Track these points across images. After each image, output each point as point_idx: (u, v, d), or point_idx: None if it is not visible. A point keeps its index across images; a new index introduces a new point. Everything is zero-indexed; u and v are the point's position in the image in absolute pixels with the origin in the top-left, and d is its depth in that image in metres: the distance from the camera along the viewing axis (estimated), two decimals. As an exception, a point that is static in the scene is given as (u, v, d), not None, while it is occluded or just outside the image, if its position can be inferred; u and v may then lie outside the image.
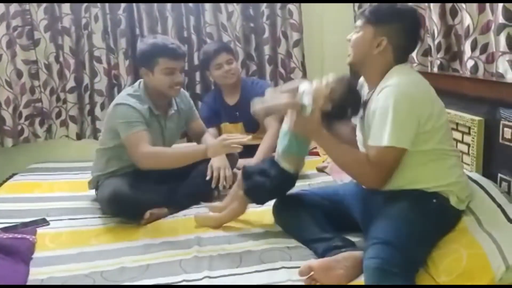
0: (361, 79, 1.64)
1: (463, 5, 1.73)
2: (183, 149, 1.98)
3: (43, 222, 1.83)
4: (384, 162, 1.39)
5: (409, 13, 1.50)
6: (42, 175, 2.42)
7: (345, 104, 1.55)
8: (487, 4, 1.63)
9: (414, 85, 1.42)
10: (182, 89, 2.15)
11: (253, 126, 2.50)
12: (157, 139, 1.97)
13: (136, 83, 2.03)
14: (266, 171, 1.69)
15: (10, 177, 2.48)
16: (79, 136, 2.81)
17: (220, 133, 2.51)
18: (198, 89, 2.84)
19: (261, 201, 1.76)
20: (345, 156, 1.49)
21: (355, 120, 1.64)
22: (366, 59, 1.50)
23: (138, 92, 1.97)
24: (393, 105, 1.36)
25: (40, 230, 1.75)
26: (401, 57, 1.50)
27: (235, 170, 2.22)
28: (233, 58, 2.51)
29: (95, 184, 2.01)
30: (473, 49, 1.72)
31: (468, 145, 1.69)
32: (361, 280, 1.33)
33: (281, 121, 1.83)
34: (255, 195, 1.72)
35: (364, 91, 1.60)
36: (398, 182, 1.45)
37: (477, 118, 1.64)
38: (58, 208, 1.97)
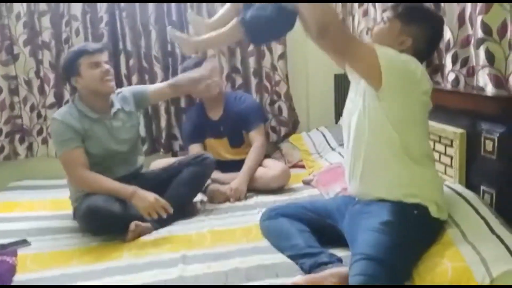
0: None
1: (444, 19, 1.76)
2: (112, 184, 1.89)
3: (24, 242, 1.78)
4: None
5: (439, 22, 1.54)
6: (22, 194, 2.37)
7: None
8: (467, 18, 1.66)
9: (409, 58, 1.45)
10: (119, 89, 2.12)
11: (238, 140, 2.49)
12: (107, 140, 1.96)
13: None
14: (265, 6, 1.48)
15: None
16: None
17: (205, 149, 2.49)
18: (182, 103, 2.82)
19: (255, 35, 1.53)
20: None
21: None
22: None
23: (71, 103, 2.00)
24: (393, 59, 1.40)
25: (20, 251, 1.70)
26: (420, 57, 1.52)
27: (217, 185, 2.21)
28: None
29: (73, 203, 1.98)
30: (454, 62, 1.75)
31: (451, 157, 1.71)
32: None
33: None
34: (251, 25, 1.49)
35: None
36: (381, 188, 1.47)
37: (459, 130, 1.66)
38: (39, 228, 1.93)
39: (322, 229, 1.63)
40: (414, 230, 1.41)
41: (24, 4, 2.59)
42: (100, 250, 1.74)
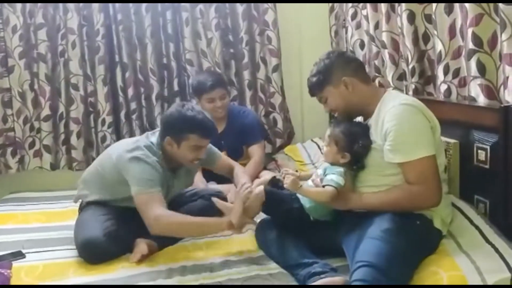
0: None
1: (435, 31, 1.79)
2: (201, 220, 1.74)
3: (19, 255, 1.76)
4: (430, 174, 1.43)
5: (332, 53, 1.68)
6: (16, 206, 2.35)
7: (357, 140, 1.55)
8: (458, 30, 1.70)
9: (410, 100, 1.52)
10: None
11: (237, 154, 2.50)
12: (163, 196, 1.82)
13: (152, 138, 1.88)
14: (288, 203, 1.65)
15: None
16: (53, 167, 2.75)
17: None
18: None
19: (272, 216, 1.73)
20: (388, 201, 1.48)
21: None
22: (352, 103, 1.60)
23: (155, 149, 1.84)
24: (403, 121, 1.44)
25: (15, 264, 1.68)
26: (366, 76, 1.66)
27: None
28: (226, 93, 2.50)
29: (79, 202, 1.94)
30: (445, 73, 1.78)
31: (445, 167, 1.72)
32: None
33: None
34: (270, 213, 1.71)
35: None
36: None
37: (452, 140, 1.68)
38: (34, 240, 1.91)
39: (317, 239, 1.63)
40: (414, 240, 1.41)
41: (21, 17, 2.60)
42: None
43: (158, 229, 1.70)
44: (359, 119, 1.67)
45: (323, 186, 1.54)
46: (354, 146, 1.55)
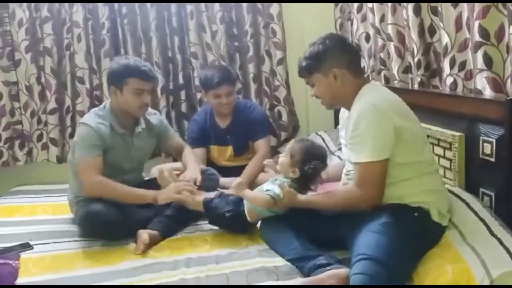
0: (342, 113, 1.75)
1: (441, 23, 1.78)
2: (133, 189, 1.91)
3: (27, 246, 1.78)
4: (370, 178, 1.44)
5: (329, 38, 1.60)
6: (24, 198, 2.37)
7: (311, 161, 1.67)
8: (464, 23, 1.69)
9: (378, 100, 1.50)
10: (155, 111, 2.21)
11: (243, 149, 2.51)
12: (123, 157, 1.99)
13: (103, 103, 2.06)
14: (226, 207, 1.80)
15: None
16: (60, 160, 2.76)
17: (208, 154, 2.51)
18: (183, 108, 2.84)
19: (210, 218, 1.88)
20: (329, 201, 1.58)
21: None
22: (337, 95, 1.60)
23: (103, 112, 1.99)
24: (361, 121, 1.45)
25: (23, 255, 1.71)
26: (358, 70, 1.63)
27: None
28: (234, 89, 2.49)
29: (73, 207, 1.98)
30: (451, 66, 1.77)
31: (450, 160, 1.72)
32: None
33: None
34: (210, 211, 1.86)
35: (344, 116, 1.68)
36: (384, 198, 1.50)
37: (457, 133, 1.67)
38: (41, 232, 1.93)
39: (320, 232, 1.64)
40: (414, 232, 1.42)
41: (27, 11, 2.61)
42: (102, 253, 1.74)
43: (90, 191, 1.87)
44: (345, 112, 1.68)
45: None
46: (306, 166, 1.65)
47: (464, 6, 1.67)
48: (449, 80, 1.80)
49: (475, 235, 1.42)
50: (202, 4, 2.71)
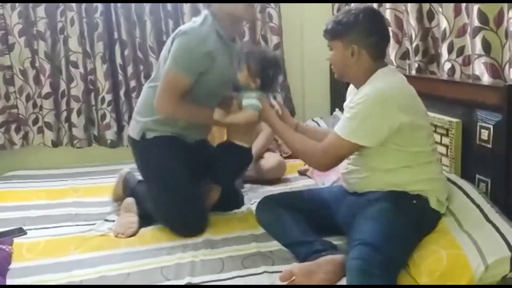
0: (350, 89, 1.68)
1: (440, 8, 1.76)
2: (200, 111, 1.78)
3: (20, 231, 1.77)
4: (334, 151, 1.49)
5: (364, 13, 1.51)
6: (18, 183, 2.35)
7: (267, 69, 1.85)
8: (463, 7, 1.66)
9: (389, 90, 1.45)
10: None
11: None
12: (226, 69, 1.80)
13: (200, 17, 1.77)
14: None
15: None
16: (56, 144, 2.74)
17: None
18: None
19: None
20: (295, 141, 1.62)
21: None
22: (349, 70, 1.55)
23: (208, 19, 1.73)
24: (363, 101, 1.43)
25: (17, 240, 1.70)
26: (379, 54, 1.54)
27: None
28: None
29: (140, 135, 1.84)
30: (449, 52, 1.75)
31: (447, 146, 1.71)
32: (343, 282, 1.34)
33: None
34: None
35: (353, 93, 1.62)
36: (382, 184, 1.49)
37: (455, 120, 1.66)
38: (35, 217, 1.92)
39: (317, 218, 1.63)
40: (412, 219, 1.42)
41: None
42: (97, 239, 1.73)
43: (164, 115, 1.79)
44: (353, 89, 1.64)
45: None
46: (264, 74, 1.83)
47: (464, -10, 1.65)
48: (447, 66, 1.78)
49: (471, 222, 1.42)
50: (198, -13, 2.67)
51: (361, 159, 1.55)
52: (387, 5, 2.11)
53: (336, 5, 2.74)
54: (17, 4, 2.57)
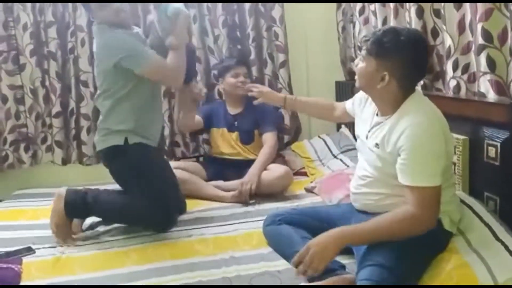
0: (363, 94, 1.63)
1: (444, 26, 1.77)
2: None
3: (29, 250, 1.79)
4: (429, 201, 1.36)
5: (413, 44, 1.41)
6: (27, 202, 2.38)
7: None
8: (467, 25, 1.68)
9: (434, 119, 1.41)
10: None
11: (248, 138, 2.58)
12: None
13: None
14: None
15: (-4, 203, 2.43)
16: (65, 161, 2.78)
17: (211, 137, 2.66)
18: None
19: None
20: (386, 226, 1.37)
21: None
22: (372, 90, 1.49)
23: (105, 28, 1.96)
24: (424, 143, 1.35)
25: (26, 259, 1.71)
26: (408, 88, 1.45)
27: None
28: (248, 74, 2.64)
29: (123, 139, 1.93)
30: (454, 69, 1.76)
31: (454, 164, 1.70)
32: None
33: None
34: None
35: (370, 109, 1.59)
36: (396, 206, 1.43)
37: (461, 137, 1.66)
38: (43, 236, 1.93)
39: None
40: (424, 241, 1.38)
41: (31, 15, 2.62)
42: (104, 258, 1.74)
43: (178, 74, 1.99)
44: (373, 107, 1.58)
45: None
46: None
47: (467, 9, 1.66)
48: (453, 83, 1.79)
49: (480, 240, 1.41)
50: (205, 8, 2.72)
51: (376, 183, 1.51)
52: (391, 23, 2.13)
53: (340, 16, 2.76)
54: (29, 25, 2.63)
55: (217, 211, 2.15)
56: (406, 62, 1.40)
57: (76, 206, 1.90)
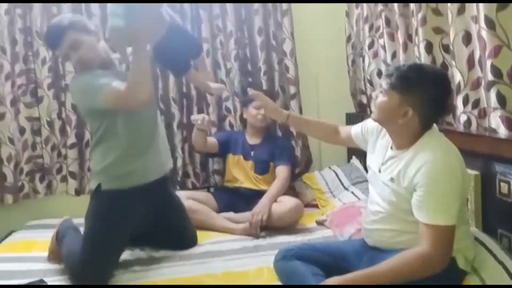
0: (376, 125, 1.63)
1: (453, 61, 1.79)
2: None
3: (41, 283, 1.79)
4: (443, 241, 1.34)
5: (438, 81, 1.41)
6: (39, 233, 2.39)
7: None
8: (476, 61, 1.69)
9: (452, 156, 1.40)
10: None
11: (263, 169, 2.60)
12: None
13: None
14: None
15: (8, 234, 2.45)
16: (78, 192, 2.81)
17: (225, 162, 2.69)
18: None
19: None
20: (399, 269, 1.34)
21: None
22: (391, 125, 1.48)
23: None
24: (441, 181, 1.35)
25: (37, 293, 1.72)
26: (428, 125, 1.46)
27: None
28: None
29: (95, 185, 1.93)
30: (465, 104, 1.77)
31: (466, 200, 1.69)
32: None
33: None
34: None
35: (383, 141, 1.59)
36: (410, 244, 1.42)
37: (473, 172, 1.65)
38: (56, 269, 1.93)
39: (337, 272, 1.59)
40: (438, 280, 1.37)
41: (49, 49, 2.71)
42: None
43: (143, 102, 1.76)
44: (387, 139, 1.57)
45: None
46: None
47: (476, 45, 1.68)
48: (463, 118, 1.79)
49: (494, 280, 1.38)
50: (218, 42, 2.79)
51: (389, 218, 1.50)
52: (401, 57, 2.16)
53: (350, 49, 2.80)
54: (47, 59, 2.72)
55: (228, 244, 2.14)
56: (430, 99, 1.40)
57: (63, 236, 1.99)
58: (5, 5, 2.64)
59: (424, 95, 1.40)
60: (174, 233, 2.10)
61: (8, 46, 2.66)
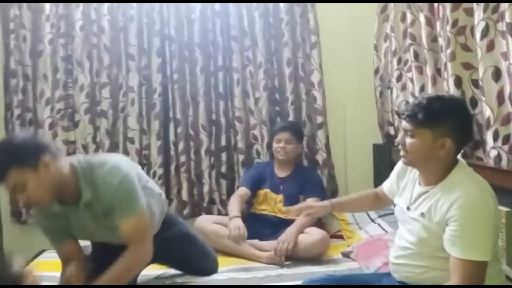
0: (399, 168, 1.65)
1: (482, 96, 1.79)
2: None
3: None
4: (479, 276, 1.32)
5: (461, 105, 1.46)
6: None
7: None
8: (507, 97, 1.69)
9: (485, 195, 1.38)
10: None
11: (293, 202, 2.53)
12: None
13: None
14: None
15: (40, 253, 2.52)
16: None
17: (254, 196, 2.67)
18: (223, 168, 2.94)
19: None
20: None
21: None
22: (429, 162, 1.45)
23: None
24: (477, 217, 1.33)
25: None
26: (460, 151, 1.48)
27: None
28: (293, 140, 2.65)
29: None
30: (495, 139, 1.75)
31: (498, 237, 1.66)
32: None
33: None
34: None
35: (409, 178, 1.59)
36: (438, 281, 1.40)
37: (504, 209, 1.63)
38: (84, 289, 1.98)
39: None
40: None
41: (88, 77, 2.86)
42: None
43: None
44: (413, 175, 1.57)
45: None
46: None
47: (506, 81, 1.68)
48: (493, 153, 1.77)
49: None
50: (248, 72, 2.88)
51: (418, 255, 1.48)
52: (429, 90, 2.16)
53: (378, 81, 2.83)
54: (85, 85, 2.86)
55: (251, 273, 2.14)
56: (462, 123, 1.43)
57: None
58: (49, 36, 2.82)
59: (454, 121, 1.41)
60: (188, 265, 2.11)
61: (50, 74, 2.82)
